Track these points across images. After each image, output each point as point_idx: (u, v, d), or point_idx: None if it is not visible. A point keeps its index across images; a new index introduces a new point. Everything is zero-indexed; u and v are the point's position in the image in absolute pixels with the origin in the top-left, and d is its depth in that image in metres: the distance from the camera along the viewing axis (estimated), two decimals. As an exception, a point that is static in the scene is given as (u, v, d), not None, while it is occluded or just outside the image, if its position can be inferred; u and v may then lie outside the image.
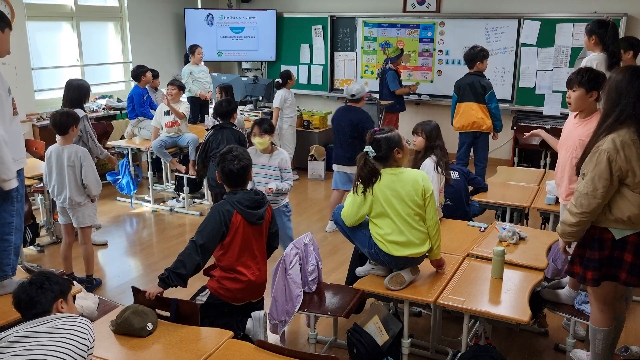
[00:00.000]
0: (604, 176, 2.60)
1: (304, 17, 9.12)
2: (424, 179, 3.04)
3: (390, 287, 3.04)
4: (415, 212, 3.02)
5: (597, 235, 2.78)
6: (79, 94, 4.92)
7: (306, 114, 8.01)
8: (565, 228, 2.78)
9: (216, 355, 2.42)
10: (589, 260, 2.80)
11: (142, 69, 6.70)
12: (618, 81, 2.68)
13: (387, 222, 3.06)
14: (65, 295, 2.26)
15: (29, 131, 6.81)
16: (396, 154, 3.05)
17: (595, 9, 7.19)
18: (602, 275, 2.80)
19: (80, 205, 4.29)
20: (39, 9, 7.21)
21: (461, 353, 2.99)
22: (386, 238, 3.06)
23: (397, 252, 3.05)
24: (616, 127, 2.63)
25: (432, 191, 3.04)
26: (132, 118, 6.64)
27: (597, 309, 2.92)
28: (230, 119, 4.98)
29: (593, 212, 2.67)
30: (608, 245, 2.75)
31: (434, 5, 8.22)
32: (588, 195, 2.64)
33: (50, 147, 4.29)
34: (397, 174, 3.03)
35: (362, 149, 3.05)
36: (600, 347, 2.94)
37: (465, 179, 4.52)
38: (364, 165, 3.01)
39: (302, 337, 3.78)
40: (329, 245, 5.37)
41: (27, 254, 5.05)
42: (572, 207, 2.72)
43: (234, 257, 2.92)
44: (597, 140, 2.68)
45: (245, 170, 2.94)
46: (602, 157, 2.61)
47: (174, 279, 2.77)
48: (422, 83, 8.41)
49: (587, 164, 2.67)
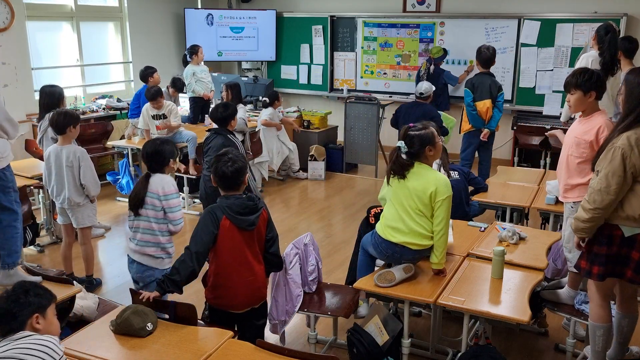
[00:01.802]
0: (617, 173, 2.63)
1: (304, 17, 9.12)
2: (438, 185, 3.00)
3: (379, 283, 3.05)
4: (418, 207, 3.03)
5: (606, 231, 2.79)
6: (50, 100, 4.89)
7: (306, 114, 8.01)
8: (578, 224, 2.81)
9: (216, 355, 2.42)
10: (596, 255, 2.82)
11: (150, 69, 6.71)
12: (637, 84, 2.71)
13: (390, 208, 3.14)
14: (44, 309, 2.19)
15: (29, 131, 6.82)
16: (428, 152, 3.07)
17: (595, 9, 7.18)
18: (608, 271, 2.81)
19: (80, 206, 4.29)
20: (39, 9, 7.21)
21: (461, 353, 2.99)
22: (385, 222, 3.14)
23: (393, 238, 3.07)
24: (632, 126, 2.66)
25: (446, 198, 3.00)
26: (134, 117, 6.63)
27: (597, 305, 2.93)
28: (226, 125, 4.70)
29: (606, 209, 2.69)
30: (617, 242, 2.77)
31: (434, 5, 8.23)
32: (601, 191, 2.67)
33: (50, 148, 4.29)
34: (418, 171, 3.05)
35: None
36: (600, 344, 2.94)
37: (465, 179, 4.52)
38: (395, 160, 3.07)
39: (302, 337, 3.78)
40: (329, 245, 5.37)
41: (27, 254, 5.05)
42: (586, 203, 2.74)
43: (223, 263, 2.88)
44: (612, 137, 2.71)
45: (239, 173, 2.90)
46: (616, 153, 2.64)
47: (169, 285, 2.77)
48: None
49: (602, 161, 2.71)
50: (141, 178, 3.33)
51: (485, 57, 5.89)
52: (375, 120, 7.50)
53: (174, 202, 3.30)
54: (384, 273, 3.07)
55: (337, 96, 9.03)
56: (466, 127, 5.97)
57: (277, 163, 7.32)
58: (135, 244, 3.30)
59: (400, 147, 3.04)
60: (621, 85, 2.84)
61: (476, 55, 5.99)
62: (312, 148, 7.61)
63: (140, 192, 3.25)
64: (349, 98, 7.80)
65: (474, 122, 5.87)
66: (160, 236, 3.30)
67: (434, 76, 7.45)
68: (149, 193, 3.25)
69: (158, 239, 3.30)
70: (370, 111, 7.52)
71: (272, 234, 3.02)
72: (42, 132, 4.89)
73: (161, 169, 3.34)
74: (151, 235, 3.29)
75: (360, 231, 3.81)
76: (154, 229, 3.28)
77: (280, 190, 7.17)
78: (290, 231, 5.64)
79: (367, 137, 7.60)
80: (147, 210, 3.27)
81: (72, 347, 2.47)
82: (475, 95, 5.84)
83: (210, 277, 2.95)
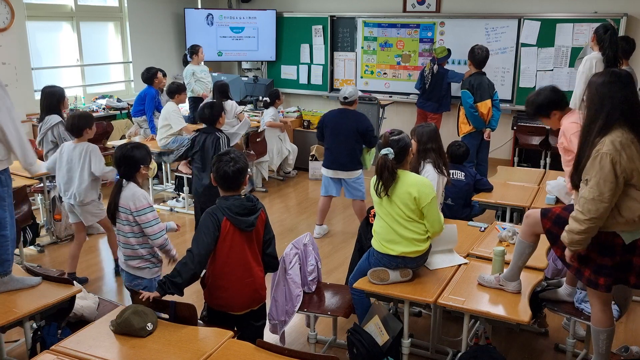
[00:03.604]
0: (609, 179, 2.55)
1: (304, 17, 9.12)
2: (420, 188, 3.00)
3: (372, 280, 3.07)
4: (406, 214, 3.02)
5: (606, 242, 2.72)
6: (51, 100, 4.91)
7: (306, 114, 8.01)
8: (573, 237, 2.68)
9: (216, 355, 2.42)
10: (600, 266, 2.74)
11: (152, 70, 6.58)
12: (599, 85, 2.67)
13: (380, 222, 3.14)
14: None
15: (29, 131, 6.82)
16: (408, 156, 3.12)
17: (595, 9, 7.18)
18: (615, 281, 2.77)
19: (86, 204, 4.31)
20: (39, 9, 7.21)
21: (461, 353, 2.99)
22: (378, 238, 3.14)
23: (392, 251, 3.06)
24: (608, 131, 2.60)
25: (430, 200, 2.99)
26: (138, 115, 6.62)
27: (599, 310, 2.90)
28: (215, 124, 4.77)
29: (601, 217, 2.60)
30: (619, 251, 2.72)
31: (434, 5, 8.22)
32: (595, 200, 2.57)
33: (64, 144, 4.37)
34: (399, 177, 3.04)
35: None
36: (604, 347, 2.92)
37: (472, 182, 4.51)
38: (386, 167, 2.99)
39: (302, 337, 3.77)
40: (329, 245, 5.37)
41: (27, 254, 5.05)
42: (579, 214, 2.63)
43: (222, 265, 2.87)
44: (592, 145, 2.63)
45: (240, 174, 2.89)
46: (605, 160, 2.55)
47: (170, 287, 2.76)
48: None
49: (589, 169, 2.61)
50: (115, 185, 3.26)
51: (481, 57, 5.88)
52: (375, 120, 7.50)
53: (148, 216, 3.16)
54: (378, 271, 3.07)
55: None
56: (466, 129, 5.92)
57: (277, 163, 7.33)
58: (120, 255, 3.30)
59: (387, 154, 3.00)
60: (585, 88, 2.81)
61: (469, 55, 5.94)
62: (313, 148, 7.61)
63: (112, 202, 3.20)
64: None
65: (476, 124, 5.84)
66: (140, 249, 3.24)
67: (437, 76, 7.45)
68: (120, 208, 3.18)
69: (138, 252, 3.24)
70: (370, 111, 7.51)
71: (269, 235, 3.02)
72: (42, 135, 4.90)
73: (132, 175, 3.23)
74: (131, 250, 3.24)
75: (360, 231, 3.81)
76: (132, 243, 3.22)
77: (280, 190, 7.17)
78: (290, 231, 5.64)
79: (367, 137, 7.59)
80: (122, 225, 3.21)
81: (72, 347, 2.47)
82: (476, 96, 5.81)
83: (209, 278, 2.94)
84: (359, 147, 5.25)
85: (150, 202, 3.23)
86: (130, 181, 3.23)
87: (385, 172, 2.99)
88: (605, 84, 2.65)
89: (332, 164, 5.34)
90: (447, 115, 7.81)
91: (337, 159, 5.29)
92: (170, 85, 6.25)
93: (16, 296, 2.97)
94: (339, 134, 5.27)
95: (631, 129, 2.60)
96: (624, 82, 2.65)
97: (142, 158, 3.24)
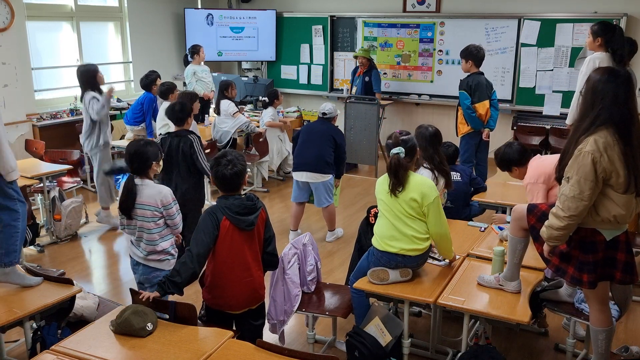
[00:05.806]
0: (589, 178, 2.59)
1: (304, 17, 9.12)
2: (422, 189, 3.03)
3: (371, 279, 3.07)
4: (408, 212, 3.04)
5: (588, 239, 2.76)
6: (85, 77, 5.42)
7: (306, 114, 8.02)
8: (552, 232, 2.74)
9: (216, 355, 2.42)
10: (583, 263, 2.79)
11: (152, 76, 6.47)
12: (595, 81, 2.69)
13: (382, 219, 3.16)
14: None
15: (29, 131, 6.82)
16: (415, 157, 3.18)
17: (595, 9, 7.18)
18: (598, 277, 2.79)
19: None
20: (39, 9, 7.21)
21: (461, 353, 2.99)
22: (379, 235, 3.15)
23: (391, 248, 3.07)
24: (594, 130, 2.63)
25: (433, 200, 3.03)
26: (137, 124, 6.52)
27: (596, 309, 2.92)
28: (183, 124, 4.47)
29: (580, 215, 2.66)
30: (601, 247, 2.75)
31: (434, 5, 8.22)
32: (575, 198, 2.62)
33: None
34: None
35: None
36: (603, 347, 2.93)
37: (468, 180, 4.51)
38: (400, 165, 3.03)
39: (302, 337, 3.77)
40: (329, 245, 5.37)
41: (27, 254, 5.04)
42: (559, 210, 2.68)
43: (221, 263, 2.88)
44: (576, 143, 2.66)
45: (238, 176, 2.89)
46: (586, 159, 2.59)
47: (170, 286, 2.77)
48: (421, 83, 8.43)
49: (571, 167, 2.65)
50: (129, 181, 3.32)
51: (480, 56, 5.78)
52: (375, 120, 7.50)
53: (173, 210, 3.39)
54: (378, 271, 3.08)
55: (337, 96, 9.02)
56: (464, 129, 5.88)
57: (277, 163, 7.33)
58: (140, 251, 3.36)
59: (399, 153, 3.04)
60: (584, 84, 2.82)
61: (466, 55, 5.80)
62: (313, 148, 7.60)
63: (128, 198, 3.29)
64: (349, 98, 7.80)
65: (475, 125, 5.80)
66: (162, 242, 3.37)
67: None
68: (145, 206, 3.30)
69: (162, 245, 3.37)
70: (370, 111, 7.52)
71: (269, 233, 3.03)
72: (84, 110, 5.48)
73: (145, 171, 3.35)
74: (155, 245, 3.35)
75: (360, 231, 3.81)
76: (156, 238, 3.35)
77: (280, 190, 7.17)
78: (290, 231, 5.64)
79: (367, 137, 7.60)
80: (145, 222, 3.31)
81: (72, 347, 2.48)
82: (474, 97, 5.73)
83: (208, 277, 2.94)
84: (329, 152, 5.13)
85: (173, 197, 3.41)
86: (144, 177, 3.35)
87: (401, 170, 3.03)
88: (603, 81, 2.66)
89: (299, 166, 5.23)
90: (447, 116, 7.81)
91: (305, 160, 5.17)
92: (161, 87, 6.23)
93: (16, 296, 2.98)
94: (312, 134, 5.24)
95: (616, 131, 2.62)
96: (620, 81, 2.66)
97: (154, 154, 3.38)
